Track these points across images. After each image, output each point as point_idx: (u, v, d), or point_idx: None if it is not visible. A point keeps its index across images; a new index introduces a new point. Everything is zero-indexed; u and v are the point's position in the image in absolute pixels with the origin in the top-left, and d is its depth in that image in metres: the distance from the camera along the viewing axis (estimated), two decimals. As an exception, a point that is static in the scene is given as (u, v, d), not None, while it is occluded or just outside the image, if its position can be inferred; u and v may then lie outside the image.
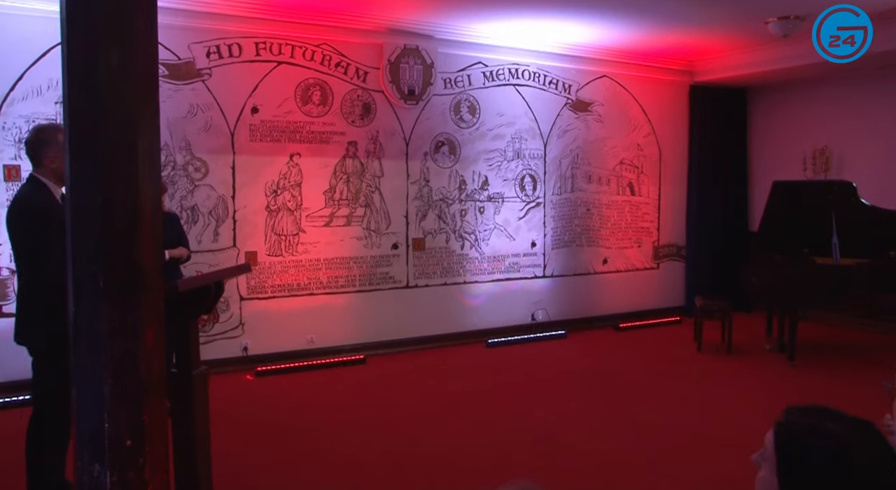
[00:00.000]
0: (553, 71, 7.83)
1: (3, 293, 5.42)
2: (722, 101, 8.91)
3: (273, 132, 6.36)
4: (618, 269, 8.49)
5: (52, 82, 5.46)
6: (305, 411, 5.19)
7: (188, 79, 5.97)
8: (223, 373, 5.86)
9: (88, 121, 1.63)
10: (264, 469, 4.12)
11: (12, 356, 3.78)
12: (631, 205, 8.56)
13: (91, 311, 1.60)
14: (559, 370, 6.34)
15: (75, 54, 1.62)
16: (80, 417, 1.61)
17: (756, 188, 9.08)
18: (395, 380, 6.01)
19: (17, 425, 3.59)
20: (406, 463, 4.24)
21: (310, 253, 6.56)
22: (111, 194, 1.62)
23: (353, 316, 6.81)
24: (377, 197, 6.87)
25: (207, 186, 6.09)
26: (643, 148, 8.59)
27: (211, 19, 5.97)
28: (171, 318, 2.84)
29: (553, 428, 4.82)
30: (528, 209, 7.82)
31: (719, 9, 6.17)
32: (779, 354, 6.76)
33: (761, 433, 1.42)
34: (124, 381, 1.61)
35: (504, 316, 7.61)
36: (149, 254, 1.68)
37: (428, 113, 7.08)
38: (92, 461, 1.59)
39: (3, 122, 5.38)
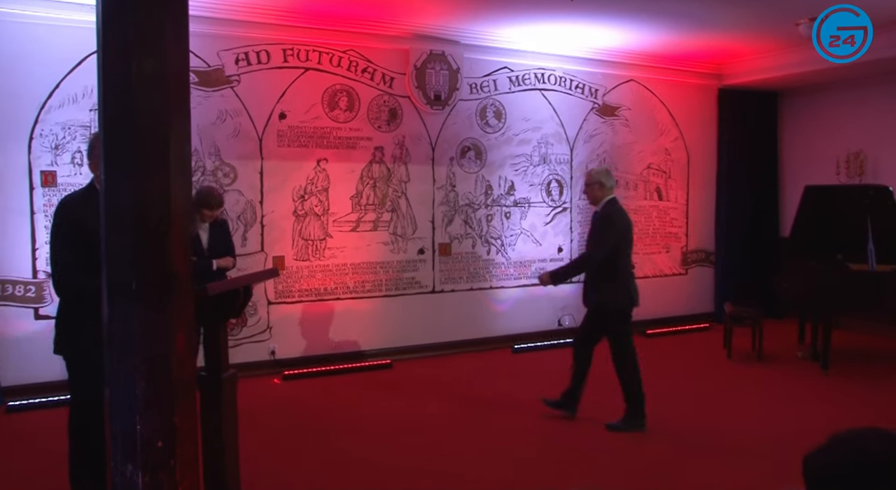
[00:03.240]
0: (579, 75, 7.80)
1: (39, 296, 5.54)
2: (751, 104, 8.79)
3: (300, 138, 6.42)
4: (645, 274, 8.40)
5: (87, 90, 5.58)
6: (332, 415, 5.21)
7: (217, 85, 6.06)
8: (251, 376, 5.91)
9: (122, 127, 1.66)
10: (291, 471, 4.14)
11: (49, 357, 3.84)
12: (658, 210, 8.48)
13: (124, 314, 1.63)
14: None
15: (110, 62, 1.66)
16: (113, 418, 1.64)
17: (787, 193, 8.94)
18: (421, 385, 6.01)
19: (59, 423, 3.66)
20: (432, 468, 4.23)
21: (336, 258, 6.60)
22: (144, 200, 1.65)
23: (380, 321, 6.83)
24: (403, 202, 6.90)
25: (236, 191, 6.16)
26: (671, 152, 8.51)
27: (240, 27, 6.05)
28: (200, 322, 2.88)
29: (581, 433, 4.79)
30: (555, 214, 7.79)
31: (749, 11, 6.10)
32: (812, 363, 6.63)
33: (795, 443, 1.39)
34: (156, 383, 1.63)
35: (530, 321, 7.58)
36: (180, 258, 1.71)
37: (454, 118, 7.09)
38: (125, 461, 1.62)
39: (41, 130, 5.50)
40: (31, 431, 4.78)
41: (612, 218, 4.74)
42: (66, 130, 5.57)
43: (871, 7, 5.30)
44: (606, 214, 4.77)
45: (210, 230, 5.12)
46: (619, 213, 4.82)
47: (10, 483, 3.97)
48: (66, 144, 5.58)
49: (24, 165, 5.46)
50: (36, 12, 5.39)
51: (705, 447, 4.54)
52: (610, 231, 4.71)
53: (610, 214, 4.76)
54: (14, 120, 5.41)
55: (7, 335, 5.43)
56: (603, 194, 4.81)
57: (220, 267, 5.09)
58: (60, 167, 5.57)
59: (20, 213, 5.46)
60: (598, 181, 4.81)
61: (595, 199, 4.87)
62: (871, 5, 5.30)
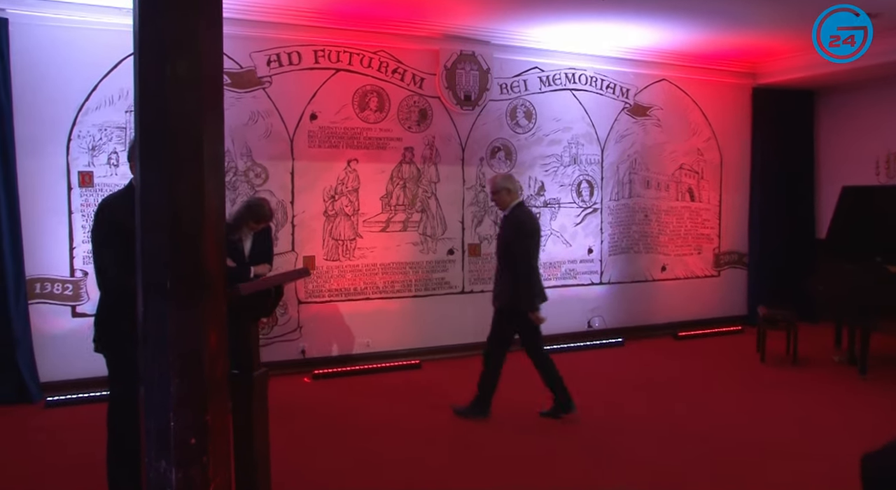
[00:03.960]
0: (610, 75, 7.73)
1: (76, 294, 5.66)
2: (787, 103, 8.62)
3: (331, 138, 6.46)
4: (677, 276, 8.31)
5: (123, 92, 5.69)
6: (361, 414, 5.24)
7: (250, 87, 6.13)
8: (281, 375, 5.97)
9: (157, 128, 1.68)
10: (321, 470, 4.17)
11: (86, 354, 3.91)
12: (690, 211, 8.37)
13: (159, 312, 1.66)
14: (616, 378, 6.23)
15: (146, 64, 1.68)
16: (148, 415, 1.66)
17: (823, 193, 8.76)
18: (450, 385, 6.01)
19: (96, 418, 3.72)
20: (460, 467, 4.23)
21: (366, 258, 6.63)
22: (178, 199, 1.67)
23: (409, 321, 6.85)
24: (433, 202, 6.90)
25: (267, 192, 6.22)
26: (703, 153, 8.40)
27: (271, 28, 6.11)
28: (232, 321, 2.91)
29: (609, 436, 4.74)
30: (585, 215, 7.73)
31: (786, 7, 5.98)
32: (849, 367, 6.49)
33: (831, 449, 1.37)
34: (189, 381, 1.66)
35: (560, 323, 7.52)
36: (213, 257, 1.73)
37: (484, 118, 7.08)
38: (159, 457, 1.64)
39: (79, 131, 5.62)
40: (68, 426, 4.89)
41: (521, 220, 4.98)
42: (103, 132, 5.69)
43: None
44: (516, 218, 5.00)
45: (253, 237, 5.17)
46: (528, 215, 5.10)
47: (49, 476, 4.06)
48: (103, 145, 5.69)
49: (63, 166, 5.58)
50: (74, 17, 5.50)
51: (739, 449, 4.47)
52: (521, 234, 4.93)
53: (519, 217, 5.00)
54: (53, 122, 5.54)
55: (45, 332, 5.56)
56: (511, 199, 5.02)
57: (258, 275, 5.15)
58: (97, 168, 5.69)
59: (58, 212, 5.58)
60: (505, 187, 5.03)
61: (504, 205, 5.07)
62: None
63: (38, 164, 5.49)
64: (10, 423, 5.01)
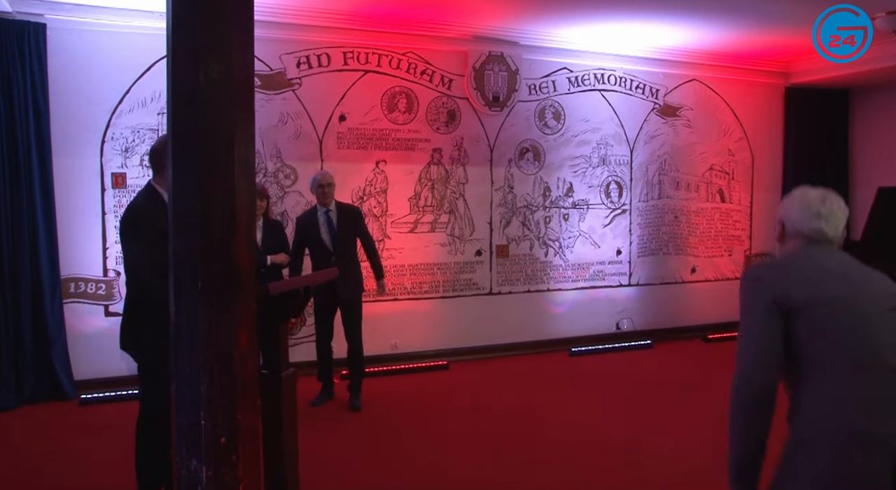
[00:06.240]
0: (640, 75, 7.66)
1: (109, 293, 5.75)
2: (820, 103, 8.46)
3: (360, 139, 6.49)
4: (707, 278, 8.20)
5: (156, 94, 5.77)
6: (389, 415, 5.25)
7: (279, 89, 6.18)
8: (310, 375, 6.00)
9: (189, 129, 1.70)
10: (349, 469, 4.19)
11: (118, 352, 3.97)
12: (721, 212, 8.26)
13: (190, 311, 1.67)
14: (645, 380, 6.16)
15: (178, 67, 1.70)
16: (179, 413, 1.68)
17: (858, 195, 8.57)
18: (477, 386, 6.00)
19: (128, 416, 3.77)
20: (488, 470, 4.22)
21: (394, 258, 6.65)
22: (210, 199, 1.68)
23: (437, 322, 6.85)
24: (461, 203, 6.90)
25: (296, 193, 6.27)
26: (734, 153, 8.27)
27: (301, 31, 6.16)
28: (262, 321, 2.93)
29: (639, 439, 4.69)
30: (614, 216, 7.66)
31: (820, 5, 5.86)
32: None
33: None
34: (220, 379, 1.67)
35: (588, 324, 7.48)
36: (244, 257, 1.74)
37: (512, 119, 7.06)
38: (189, 456, 1.65)
39: (112, 133, 5.71)
40: (101, 424, 4.97)
41: (362, 214, 5.71)
42: (136, 134, 5.78)
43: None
44: (353, 211, 5.53)
45: (263, 229, 5.24)
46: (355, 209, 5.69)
47: (81, 472, 4.14)
48: (136, 147, 5.78)
49: (97, 168, 5.68)
50: (108, 21, 5.61)
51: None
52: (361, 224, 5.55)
53: (356, 211, 5.62)
54: (88, 124, 5.65)
55: (79, 331, 5.66)
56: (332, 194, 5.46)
57: (274, 262, 5.21)
58: (130, 169, 5.78)
59: (92, 213, 5.69)
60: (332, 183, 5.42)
61: (331, 200, 5.40)
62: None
63: (73, 165, 5.60)
64: (47, 420, 5.12)
